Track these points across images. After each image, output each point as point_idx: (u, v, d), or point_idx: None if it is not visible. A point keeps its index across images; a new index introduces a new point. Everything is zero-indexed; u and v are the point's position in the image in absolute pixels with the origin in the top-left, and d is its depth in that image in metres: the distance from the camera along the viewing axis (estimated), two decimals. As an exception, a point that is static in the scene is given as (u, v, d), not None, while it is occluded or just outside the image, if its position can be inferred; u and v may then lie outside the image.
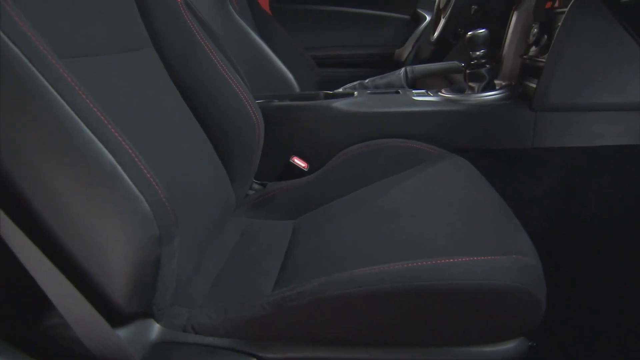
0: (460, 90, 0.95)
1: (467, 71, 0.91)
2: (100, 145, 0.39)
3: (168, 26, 0.73)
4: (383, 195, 0.74)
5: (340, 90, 1.03)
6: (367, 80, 1.04)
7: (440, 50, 1.41)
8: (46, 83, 0.37)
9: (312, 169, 0.91)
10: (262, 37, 1.39)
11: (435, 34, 1.20)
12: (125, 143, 0.41)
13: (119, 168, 0.39)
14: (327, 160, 0.89)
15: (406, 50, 1.64)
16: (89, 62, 0.55)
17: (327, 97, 1.02)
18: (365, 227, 0.65)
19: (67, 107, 0.38)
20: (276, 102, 0.93)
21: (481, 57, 0.89)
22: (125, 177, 0.39)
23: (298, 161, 0.90)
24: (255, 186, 0.91)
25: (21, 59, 0.36)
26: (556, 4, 0.86)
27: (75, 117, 0.38)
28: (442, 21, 1.19)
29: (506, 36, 1.01)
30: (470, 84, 0.91)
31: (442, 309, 0.41)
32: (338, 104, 0.89)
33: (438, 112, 0.87)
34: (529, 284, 0.42)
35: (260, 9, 1.42)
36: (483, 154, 0.87)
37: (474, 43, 0.88)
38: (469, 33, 0.88)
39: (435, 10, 1.29)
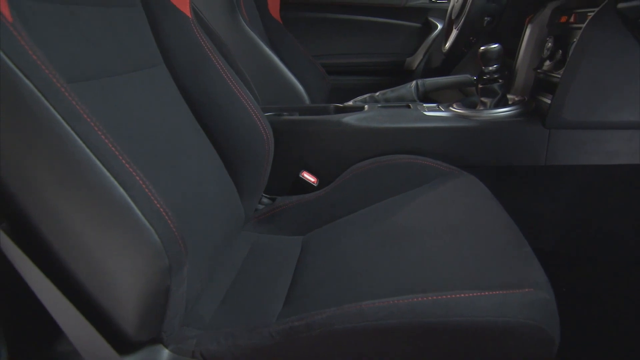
0: (472, 105, 0.93)
1: (480, 86, 0.90)
2: (110, 177, 0.39)
3: (179, 42, 0.73)
4: (392, 215, 0.73)
5: (351, 103, 1.02)
6: (377, 93, 1.03)
7: (451, 59, 1.39)
8: (57, 115, 0.37)
9: (322, 183, 0.91)
10: (273, 45, 1.40)
11: (447, 45, 1.19)
12: (136, 174, 0.41)
13: (130, 200, 0.39)
14: (337, 174, 0.88)
15: (417, 59, 1.63)
16: (102, 83, 0.56)
17: (338, 110, 1.02)
18: (374, 250, 0.64)
19: (77, 139, 0.38)
20: (286, 116, 0.93)
21: (494, 72, 0.87)
22: (136, 209, 0.39)
23: (307, 176, 0.90)
24: (265, 200, 0.91)
25: (31, 89, 0.37)
26: (571, 19, 0.84)
27: (86, 148, 0.38)
28: (455, 32, 1.17)
29: (519, 49, 1.00)
30: (483, 98, 0.90)
31: (450, 347, 0.41)
32: (348, 118, 0.89)
33: (449, 129, 0.86)
34: (542, 320, 0.41)
35: (271, 18, 1.42)
36: (495, 171, 0.86)
37: (486, 58, 0.87)
38: (482, 48, 0.87)
39: (447, 19, 1.28)
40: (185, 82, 0.73)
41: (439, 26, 1.60)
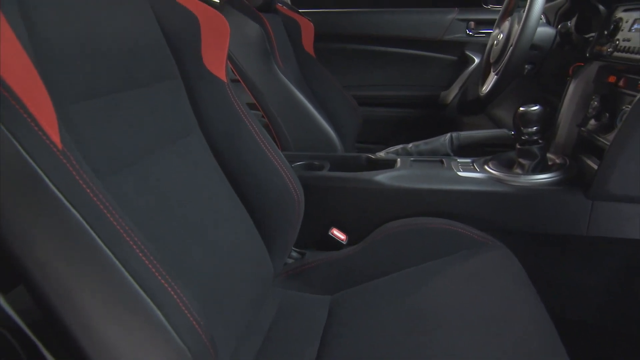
0: (509, 164, 0.90)
1: (518, 146, 0.87)
2: (146, 298, 0.40)
3: (214, 107, 0.75)
4: (422, 290, 0.72)
5: (382, 154, 1.01)
6: (410, 145, 1.01)
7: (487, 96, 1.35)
8: (101, 243, 0.39)
9: (351, 239, 0.91)
10: (306, 79, 1.41)
11: (485, 89, 1.15)
12: (171, 288, 0.42)
13: (163, 318, 0.40)
14: (367, 232, 0.88)
15: (452, 93, 1.59)
16: (141, 165, 0.58)
17: (369, 162, 1.01)
18: (402, 335, 0.63)
19: (119, 265, 0.39)
20: (317, 172, 0.93)
21: (533, 133, 0.84)
22: (168, 326, 0.41)
23: (337, 233, 0.90)
24: (294, 254, 0.92)
25: (78, 220, 0.38)
26: (621, 83, 0.80)
27: (126, 273, 0.40)
28: (493, 76, 1.14)
29: (563, 102, 0.96)
30: (520, 160, 0.87)
31: None
32: (380, 177, 0.88)
33: (483, 193, 0.83)
34: None
35: (305, 53, 1.42)
36: (531, 238, 0.83)
37: (525, 120, 0.83)
38: (521, 109, 0.84)
39: (484, 59, 1.24)
40: (219, 146, 0.75)
41: (476, 60, 1.56)
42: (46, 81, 0.42)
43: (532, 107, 0.83)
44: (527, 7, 0.96)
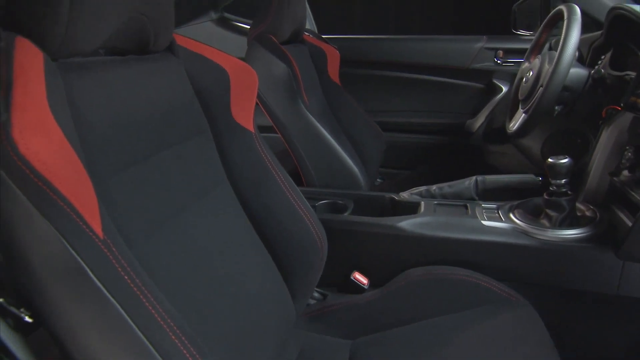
0: (535, 212, 0.89)
1: (545, 197, 0.85)
2: None
3: (242, 158, 0.77)
4: (442, 345, 0.71)
5: (406, 195, 1.01)
6: (434, 187, 1.01)
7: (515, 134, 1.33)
8: (137, 329, 0.41)
9: (373, 283, 0.91)
10: (331, 107, 1.42)
11: (513, 126, 1.13)
12: None
13: None
14: (389, 277, 0.88)
15: (478, 122, 1.57)
16: (173, 221, 0.60)
17: (393, 203, 1.01)
18: None
19: (152, 349, 0.42)
20: (341, 216, 0.94)
21: (562, 186, 0.82)
22: None
23: (359, 277, 0.91)
24: (316, 294, 0.93)
25: (116, 308, 0.41)
26: (657, 138, 0.78)
27: (152, 349, 0.42)
28: (521, 113, 1.12)
29: (595, 149, 0.93)
30: (548, 211, 0.85)
31: None
32: (403, 223, 0.88)
33: (508, 245, 0.82)
34: None
35: (330, 81, 1.44)
36: (556, 293, 0.81)
37: (554, 172, 0.82)
38: (550, 160, 0.82)
39: (512, 93, 1.22)
40: (246, 194, 0.77)
41: (504, 89, 1.53)
42: (87, 162, 0.45)
43: (562, 159, 0.81)
44: (559, 49, 0.94)
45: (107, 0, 0.49)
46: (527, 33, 1.54)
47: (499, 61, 1.55)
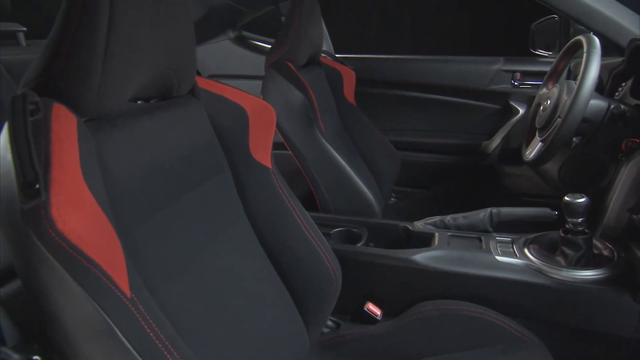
0: (551, 248, 0.88)
1: (561, 234, 0.85)
2: None
3: (260, 193, 0.78)
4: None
5: (420, 225, 1.02)
6: (448, 218, 1.01)
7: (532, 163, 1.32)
8: None
9: (386, 313, 0.92)
10: (346, 128, 1.43)
11: (529, 154, 1.13)
12: None
13: None
14: (402, 309, 0.89)
15: (494, 143, 1.56)
16: (195, 264, 0.62)
17: (407, 233, 1.02)
18: None
19: None
20: (355, 247, 0.95)
21: (579, 224, 0.82)
22: None
23: (373, 308, 0.92)
24: (329, 323, 0.95)
25: (127, 346, 0.42)
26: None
27: None
28: (537, 141, 1.11)
29: (614, 183, 0.92)
30: (564, 248, 0.84)
31: None
32: (417, 257, 0.89)
33: (522, 283, 0.82)
34: None
35: (346, 102, 1.45)
36: (570, 333, 0.81)
37: (571, 210, 0.81)
38: (566, 198, 0.82)
39: (529, 120, 1.21)
40: (263, 228, 0.79)
41: (520, 111, 1.52)
42: (115, 216, 0.47)
43: (579, 198, 0.81)
44: (578, 82, 0.94)
45: (136, 63, 0.51)
46: (546, 53, 1.53)
47: (516, 83, 1.54)
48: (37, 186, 0.36)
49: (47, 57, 0.45)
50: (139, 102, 0.62)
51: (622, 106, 0.95)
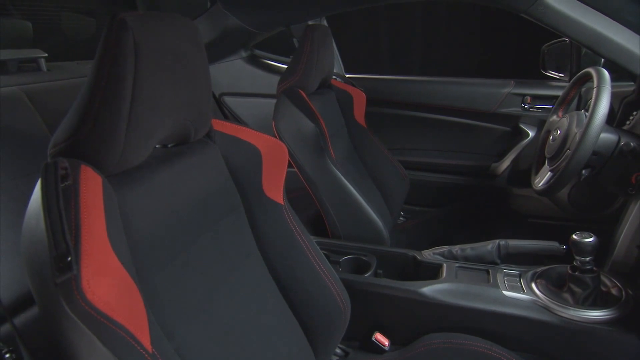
0: (558, 283, 0.89)
1: (569, 272, 0.85)
2: None
3: (272, 228, 0.81)
4: None
5: (429, 255, 1.03)
6: (456, 248, 1.02)
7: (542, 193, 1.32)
8: None
9: (393, 342, 0.94)
10: (356, 149, 1.45)
11: (539, 183, 1.13)
12: None
13: None
14: (409, 339, 0.90)
15: (503, 165, 1.56)
16: (210, 303, 0.64)
17: (415, 262, 1.03)
18: None
19: None
20: (364, 278, 0.97)
21: (587, 263, 0.83)
22: None
23: (381, 338, 0.93)
24: (338, 351, 0.96)
25: None
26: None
27: None
28: (546, 170, 1.12)
29: (623, 219, 0.93)
30: (572, 285, 0.85)
31: None
32: (425, 289, 0.90)
33: (529, 320, 0.83)
34: None
35: (356, 124, 1.47)
36: (579, 371, 0.81)
37: (579, 249, 0.82)
38: (575, 237, 0.83)
39: (539, 148, 1.22)
40: (274, 263, 0.81)
41: (530, 134, 1.52)
42: (135, 266, 0.50)
43: (587, 237, 0.82)
44: (589, 116, 0.94)
45: (158, 121, 0.54)
46: (557, 75, 1.53)
47: (526, 106, 1.54)
48: (69, 259, 0.38)
49: (75, 122, 0.48)
50: (157, 146, 0.65)
51: (631, 143, 0.95)
